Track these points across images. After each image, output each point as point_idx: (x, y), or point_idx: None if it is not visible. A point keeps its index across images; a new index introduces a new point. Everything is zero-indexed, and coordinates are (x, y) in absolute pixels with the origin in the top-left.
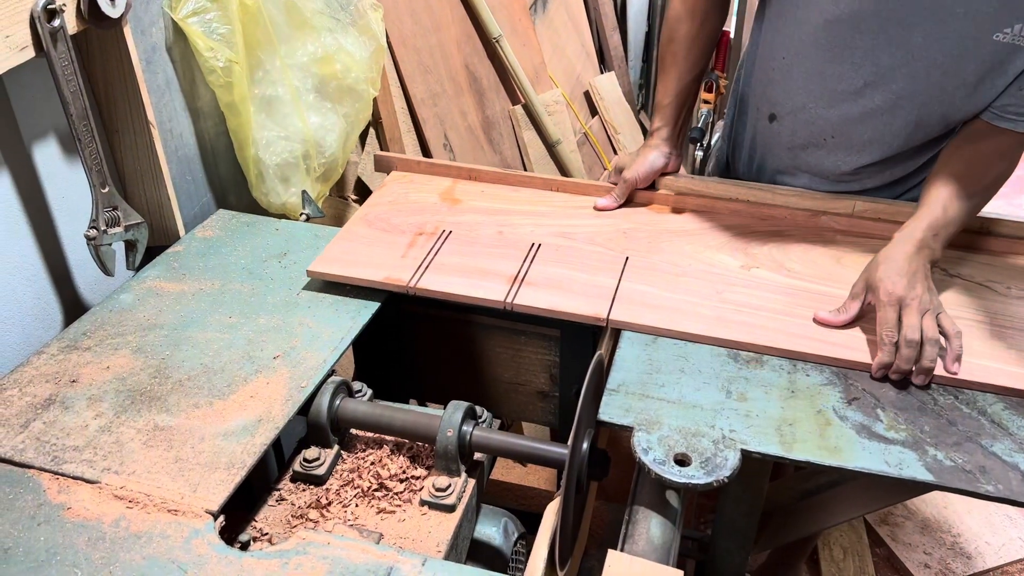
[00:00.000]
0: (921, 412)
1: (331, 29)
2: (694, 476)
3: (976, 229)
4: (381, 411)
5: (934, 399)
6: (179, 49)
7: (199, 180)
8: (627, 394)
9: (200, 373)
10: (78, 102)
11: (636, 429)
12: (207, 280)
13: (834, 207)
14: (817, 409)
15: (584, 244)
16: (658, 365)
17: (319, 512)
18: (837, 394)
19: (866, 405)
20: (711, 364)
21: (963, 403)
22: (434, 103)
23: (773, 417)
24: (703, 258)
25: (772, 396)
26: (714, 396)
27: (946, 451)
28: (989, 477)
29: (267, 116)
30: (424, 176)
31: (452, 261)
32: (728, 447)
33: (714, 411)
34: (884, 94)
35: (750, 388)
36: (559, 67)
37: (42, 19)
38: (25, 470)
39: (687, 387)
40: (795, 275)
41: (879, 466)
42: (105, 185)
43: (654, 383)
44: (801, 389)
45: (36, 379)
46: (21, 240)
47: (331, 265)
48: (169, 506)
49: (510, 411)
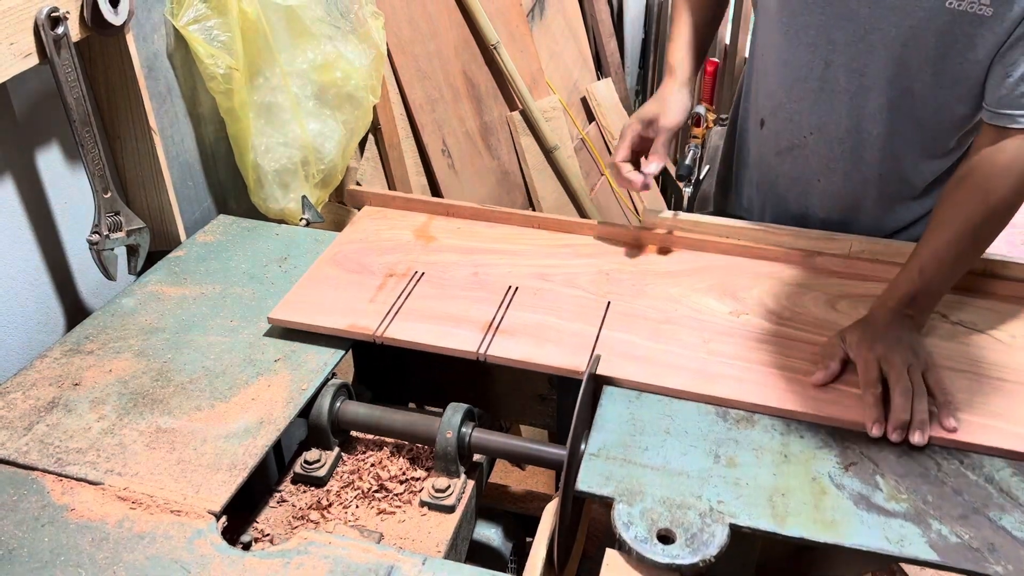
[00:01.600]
0: (924, 479)
1: (331, 37)
2: (679, 556)
3: (979, 271)
4: (381, 413)
5: (937, 464)
6: (180, 56)
7: (200, 185)
8: (608, 459)
9: (202, 376)
10: (81, 108)
11: (617, 501)
12: (208, 284)
13: (829, 247)
14: (812, 476)
15: (563, 287)
16: (642, 425)
17: (320, 513)
18: (833, 458)
19: (864, 471)
20: (698, 424)
21: (969, 469)
22: (432, 109)
23: (765, 486)
24: (690, 303)
25: (764, 461)
26: (701, 461)
27: (951, 525)
28: (998, 556)
29: (266, 122)
30: (398, 212)
31: (423, 306)
32: (716, 521)
33: (701, 479)
34: (847, 74)
35: (740, 452)
36: (556, 73)
37: (46, 26)
38: (29, 472)
39: (673, 451)
40: (787, 323)
41: (879, 543)
42: (107, 190)
43: (637, 446)
44: (795, 453)
45: (39, 382)
46: (24, 245)
47: (294, 311)
48: (172, 507)
49: (508, 414)
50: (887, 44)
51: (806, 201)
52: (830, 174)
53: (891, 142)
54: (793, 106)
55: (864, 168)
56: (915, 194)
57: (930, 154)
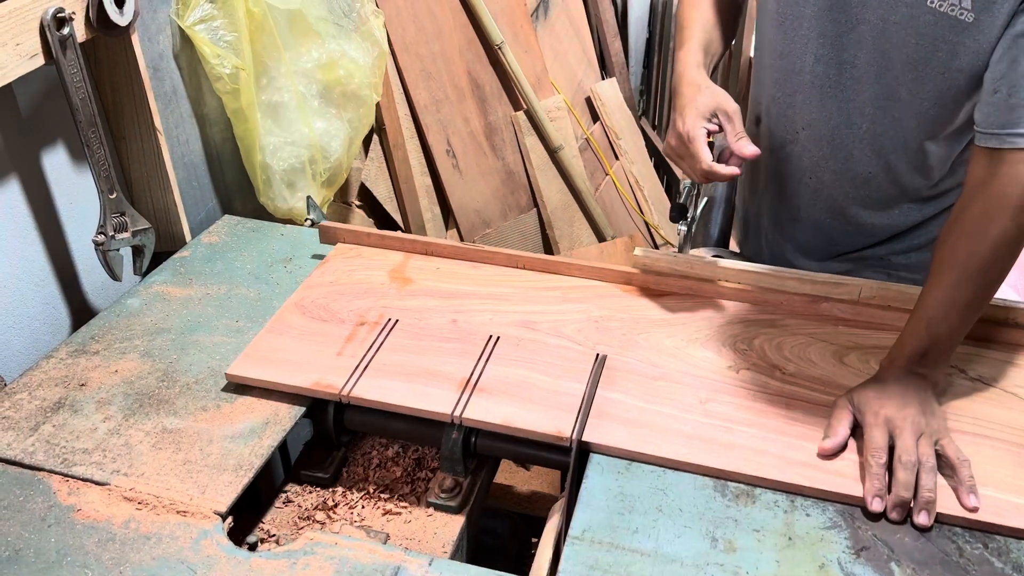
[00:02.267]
0: (944, 568)
1: (334, 35)
2: None
3: (999, 320)
4: (387, 414)
5: (959, 548)
6: (186, 56)
7: (205, 186)
8: (593, 543)
9: (207, 376)
10: (86, 109)
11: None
12: (213, 285)
13: (837, 292)
14: (820, 563)
15: (549, 337)
16: (631, 502)
17: (326, 513)
18: (843, 541)
19: (878, 557)
20: (694, 500)
21: (994, 554)
22: (437, 109)
23: (767, 575)
24: (685, 356)
25: (766, 545)
26: (697, 545)
27: None
28: None
29: (273, 122)
30: (373, 249)
31: (396, 360)
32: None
33: (696, 567)
34: (837, 67)
35: (740, 534)
36: (561, 73)
37: (51, 27)
38: (35, 472)
39: (665, 532)
40: (791, 379)
41: None
42: (113, 191)
43: (626, 527)
44: (800, 535)
45: (45, 383)
46: (30, 246)
47: (253, 367)
48: (178, 507)
49: None
50: (874, 38)
51: (798, 201)
52: (820, 173)
53: (879, 141)
54: (786, 100)
55: (854, 167)
56: (908, 199)
57: (917, 163)
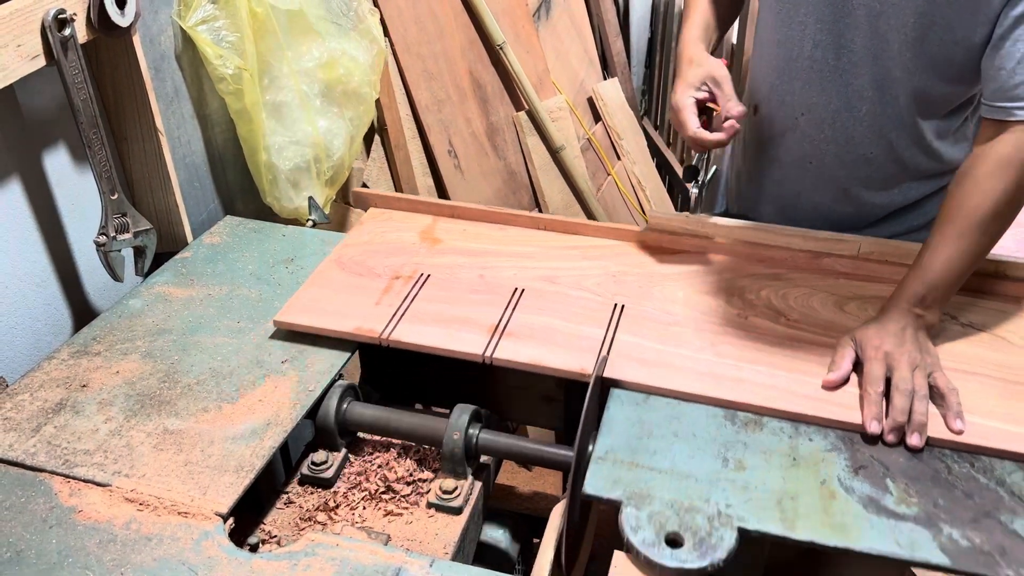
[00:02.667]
0: (934, 483)
1: (334, 34)
2: (687, 560)
3: (989, 272)
4: (388, 414)
5: (948, 467)
6: (187, 57)
7: (207, 187)
8: (615, 463)
9: (209, 377)
10: (88, 110)
11: (625, 504)
12: (215, 285)
13: (838, 248)
14: (821, 480)
15: (570, 289)
16: (649, 428)
17: (327, 515)
18: (843, 461)
19: (874, 474)
20: (707, 427)
21: (980, 472)
22: (438, 109)
23: (774, 489)
24: (696, 305)
25: (772, 464)
26: (710, 464)
27: (962, 529)
28: (1009, 559)
29: (277, 122)
30: (403, 213)
31: (429, 309)
32: (724, 525)
33: (709, 482)
34: (835, 52)
35: (748, 455)
36: (562, 73)
37: (53, 28)
38: (37, 473)
39: (680, 454)
40: (795, 325)
41: (889, 547)
42: (114, 192)
43: (645, 449)
44: (804, 456)
45: (47, 384)
46: (31, 246)
47: (300, 314)
48: (179, 508)
49: (516, 415)
50: (871, 21)
51: (798, 186)
52: (822, 156)
53: (879, 122)
54: (785, 87)
55: (855, 148)
56: (909, 177)
57: (917, 137)
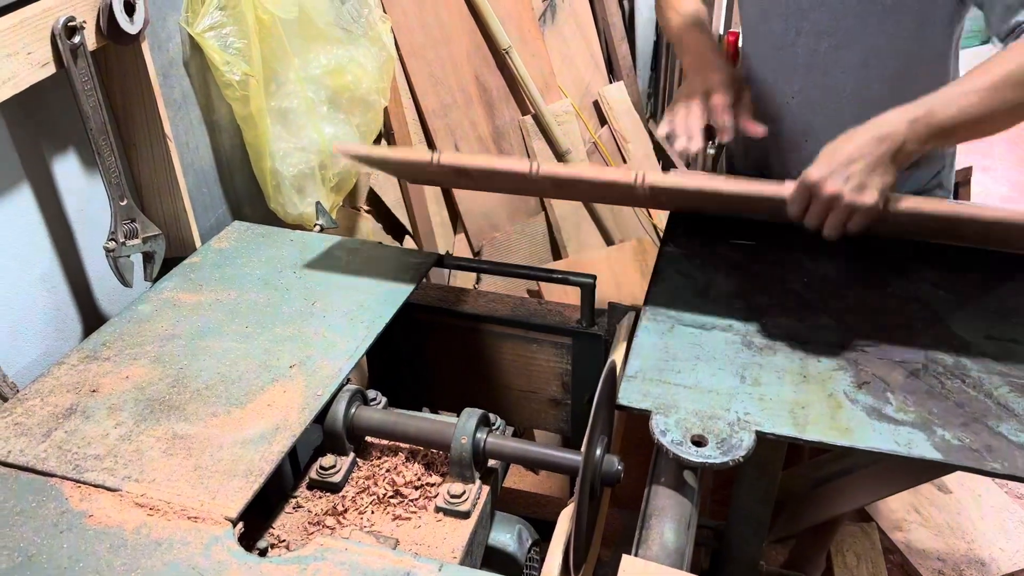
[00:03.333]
0: (929, 396)
1: (342, 41)
2: (711, 456)
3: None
4: (396, 419)
5: (942, 383)
6: (195, 63)
7: (215, 192)
8: (645, 380)
9: (218, 382)
10: (97, 116)
11: (654, 412)
12: (223, 291)
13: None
14: (828, 393)
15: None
16: (674, 352)
17: (336, 519)
18: (848, 379)
19: (876, 389)
20: (725, 351)
21: (970, 387)
22: (445, 114)
23: (786, 400)
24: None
25: (785, 381)
26: (729, 381)
27: (953, 431)
28: (995, 455)
29: (283, 128)
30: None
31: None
32: (743, 429)
33: (729, 395)
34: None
35: (764, 373)
36: (568, 77)
37: (63, 36)
38: (47, 478)
39: (703, 373)
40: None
41: (889, 446)
42: (123, 198)
43: (671, 369)
44: (813, 374)
45: (57, 389)
46: (41, 252)
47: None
48: (189, 513)
49: (523, 419)
50: (848, 4)
51: (791, 166)
52: (816, 133)
53: (866, 102)
54: (772, 75)
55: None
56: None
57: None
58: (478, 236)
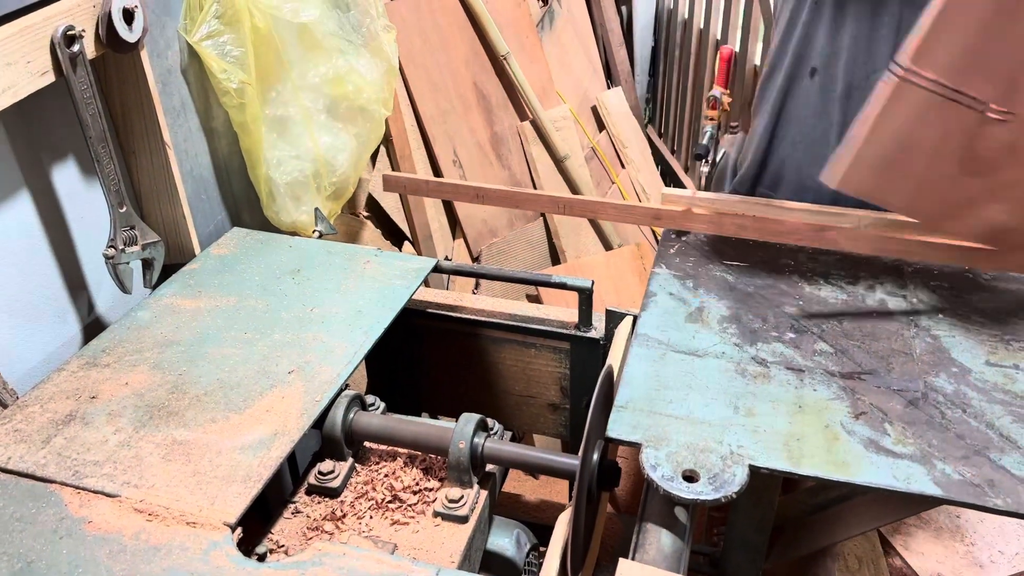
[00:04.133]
0: (929, 426)
1: (343, 51)
2: (702, 492)
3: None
4: (394, 424)
5: (942, 413)
6: (194, 71)
7: (214, 199)
8: (635, 411)
9: (216, 388)
10: (96, 124)
11: (644, 445)
12: (222, 297)
13: (840, 223)
14: (825, 424)
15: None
16: (665, 381)
17: (334, 524)
18: (845, 408)
19: (874, 420)
20: (718, 380)
21: (971, 416)
22: (443, 120)
23: (781, 432)
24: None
25: (780, 411)
26: (722, 412)
27: (954, 464)
28: (998, 490)
29: (279, 136)
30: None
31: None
32: (736, 463)
33: (722, 427)
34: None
35: (758, 403)
36: (566, 83)
37: (62, 45)
38: (47, 485)
39: (695, 403)
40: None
41: (887, 480)
42: (123, 205)
43: (662, 399)
44: (809, 404)
45: (57, 395)
46: (41, 259)
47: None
48: (188, 519)
49: (521, 423)
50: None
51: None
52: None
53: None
54: (849, 52)
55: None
56: None
57: None
58: (477, 241)
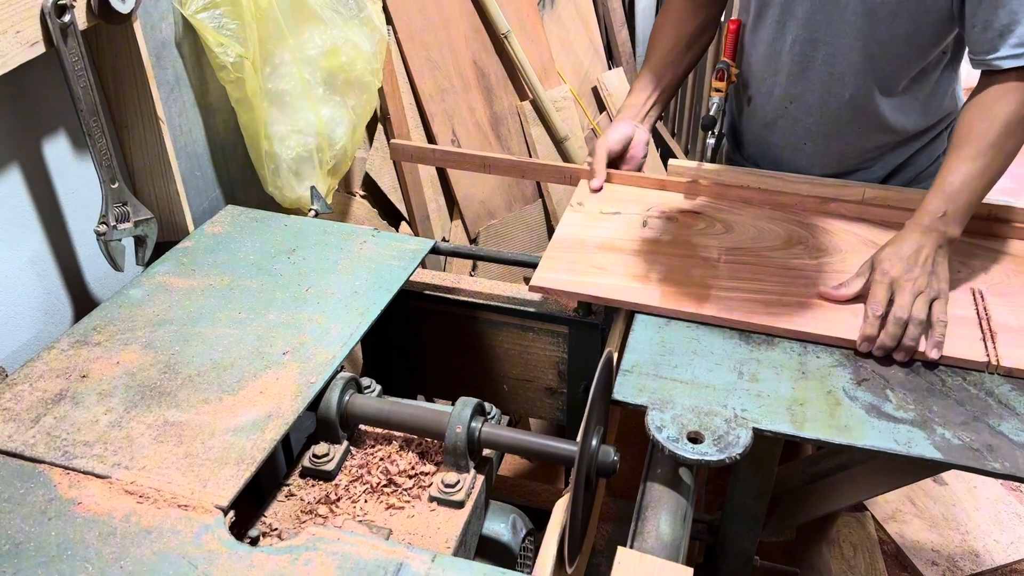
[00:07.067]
0: (929, 393)
1: (336, 22)
2: (707, 453)
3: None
4: (390, 407)
5: (942, 380)
6: (189, 45)
7: (208, 176)
8: (640, 374)
9: (210, 368)
10: (88, 98)
11: (650, 408)
12: (216, 276)
13: (844, 194)
14: (827, 390)
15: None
16: (671, 347)
17: (328, 508)
18: (847, 375)
19: (875, 386)
20: (723, 346)
21: (971, 384)
22: (442, 99)
23: (784, 397)
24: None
25: (783, 377)
26: (726, 377)
27: (954, 430)
28: (996, 455)
29: (279, 111)
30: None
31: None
32: (740, 425)
33: (726, 391)
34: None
35: (761, 369)
36: (567, 63)
37: (52, 15)
38: (36, 465)
39: (700, 368)
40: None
41: (888, 444)
42: (115, 181)
43: (667, 364)
44: (812, 370)
45: (46, 374)
46: (31, 235)
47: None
48: (179, 501)
49: (518, 407)
50: (842, 14)
51: (797, 164)
52: (815, 137)
53: (863, 101)
54: (770, 80)
55: (844, 127)
56: (899, 142)
57: (903, 108)
58: (475, 223)
